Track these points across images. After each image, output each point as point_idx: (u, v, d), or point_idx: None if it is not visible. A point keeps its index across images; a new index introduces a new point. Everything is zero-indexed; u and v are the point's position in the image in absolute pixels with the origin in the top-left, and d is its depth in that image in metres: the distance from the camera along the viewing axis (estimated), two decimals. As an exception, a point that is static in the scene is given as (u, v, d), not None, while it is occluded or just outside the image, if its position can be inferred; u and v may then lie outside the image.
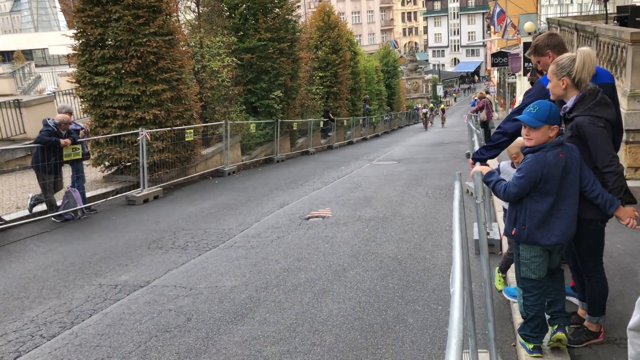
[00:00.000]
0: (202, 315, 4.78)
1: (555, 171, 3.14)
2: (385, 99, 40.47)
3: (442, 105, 51.36)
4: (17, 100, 15.65)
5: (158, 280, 5.81)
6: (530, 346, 3.34)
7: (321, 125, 24.16)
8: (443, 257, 6.08)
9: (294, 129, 20.57)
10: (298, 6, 20.29)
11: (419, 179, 12.06)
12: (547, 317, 3.42)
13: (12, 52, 53.04)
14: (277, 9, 18.72)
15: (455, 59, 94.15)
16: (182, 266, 6.26)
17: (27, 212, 9.04)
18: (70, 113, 9.54)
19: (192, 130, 12.67)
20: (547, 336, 3.40)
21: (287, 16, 19.03)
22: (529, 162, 3.17)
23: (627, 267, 4.91)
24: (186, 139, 12.43)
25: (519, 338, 3.53)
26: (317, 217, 8.52)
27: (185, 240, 7.46)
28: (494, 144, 4.17)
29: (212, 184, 12.95)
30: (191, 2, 16.88)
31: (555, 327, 3.38)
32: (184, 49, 13.71)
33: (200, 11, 16.90)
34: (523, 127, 3.25)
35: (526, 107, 3.30)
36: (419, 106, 51.33)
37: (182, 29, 14.71)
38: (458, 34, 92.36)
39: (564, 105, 3.41)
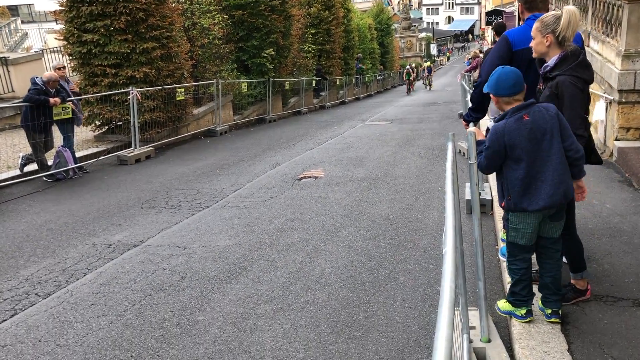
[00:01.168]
0: (196, 274, 4.83)
1: (519, 136, 3.07)
2: (379, 57, 40.03)
3: (428, 63, 42.15)
4: (4, 57, 15.35)
5: (152, 239, 5.84)
6: (523, 311, 3.34)
7: (314, 85, 23.93)
8: (434, 217, 6.14)
9: (286, 88, 20.38)
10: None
11: (411, 139, 12.06)
12: (540, 297, 3.43)
13: (-3, 7, 51.59)
14: (268, -36, 18.25)
15: (449, 17, 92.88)
16: (175, 226, 6.29)
17: (18, 172, 8.99)
18: (63, 68, 9.42)
19: (183, 89, 12.52)
20: (543, 319, 3.38)
21: (278, -29, 18.57)
22: (490, 133, 3.18)
23: (616, 227, 4.98)
24: (177, 98, 12.30)
25: (501, 306, 3.50)
26: (309, 177, 8.54)
27: (178, 200, 7.47)
28: (477, 107, 4.21)
29: (204, 143, 12.89)
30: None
31: (549, 311, 3.35)
32: (173, 5, 13.42)
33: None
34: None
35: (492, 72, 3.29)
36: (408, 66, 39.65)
37: (172, -15, 14.33)
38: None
39: (545, 64, 3.40)
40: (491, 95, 3.26)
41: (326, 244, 5.42)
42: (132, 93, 10.50)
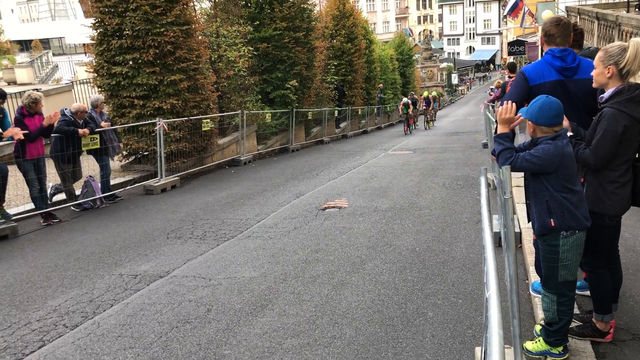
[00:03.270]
0: (222, 306, 4.81)
1: (570, 158, 3.14)
2: (400, 87, 40.20)
3: (426, 93, 31.79)
4: (36, 89, 15.77)
5: (177, 270, 5.85)
6: (560, 348, 3.25)
7: (336, 115, 24.09)
8: (462, 249, 6.05)
9: (309, 118, 20.55)
10: (313, -6, 20.19)
11: (435, 169, 11.99)
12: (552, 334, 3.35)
13: (30, 41, 53.45)
14: (292, -2, 18.64)
15: (470, 47, 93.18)
16: (200, 256, 6.30)
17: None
18: (102, 103, 9.80)
19: (209, 120, 12.70)
20: (578, 353, 3.30)
21: (302, 5, 18.94)
22: (548, 148, 3.10)
23: (651, 262, 4.85)
24: (203, 129, 12.48)
25: (532, 347, 3.41)
26: (333, 207, 8.52)
27: (203, 230, 7.50)
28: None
29: (229, 173, 12.99)
30: (207, -9, 16.85)
31: (561, 348, 3.29)
32: (200, 38, 13.72)
33: (217, 0, 16.86)
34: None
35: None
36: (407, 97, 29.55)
37: (199, 19, 14.70)
38: (474, 21, 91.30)
39: (601, 95, 3.35)
40: (528, 121, 3.21)
41: (352, 277, 5.36)
42: (159, 124, 10.68)
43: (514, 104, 3.30)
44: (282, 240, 6.80)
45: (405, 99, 27.48)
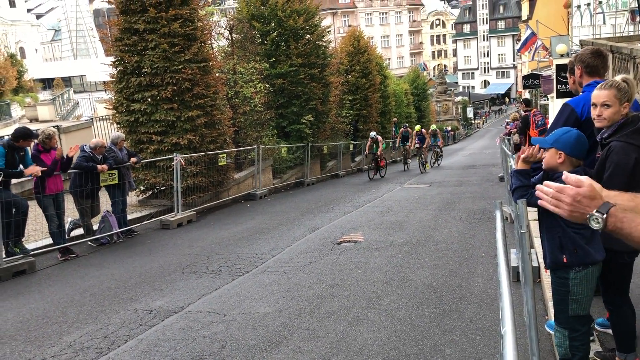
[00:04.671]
0: (236, 342, 4.76)
1: None
2: (415, 121, 40.33)
3: (418, 127, 23.72)
4: (57, 126, 16.11)
5: (192, 305, 5.83)
6: None
7: (351, 149, 24.19)
8: (479, 284, 5.95)
9: (324, 152, 20.65)
10: (329, 32, 20.55)
11: (451, 202, 11.92)
12: None
13: (53, 79, 54.85)
14: (308, 35, 18.99)
15: (485, 81, 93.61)
16: (215, 291, 6.28)
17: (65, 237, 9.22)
18: (123, 140, 10.03)
19: (225, 155, 12.83)
20: None
21: (317, 42, 19.28)
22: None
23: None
24: (219, 164, 12.59)
25: None
26: (348, 241, 8.48)
27: (218, 264, 7.49)
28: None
29: (244, 207, 13.04)
30: (225, 29, 17.25)
31: None
32: (217, 75, 13.97)
33: (234, 38, 17.23)
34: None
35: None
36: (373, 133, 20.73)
37: (216, 56, 15.00)
38: (488, 56, 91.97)
39: (602, 130, 3.31)
40: (559, 152, 3.17)
41: (368, 313, 5.29)
42: (177, 159, 10.80)
43: (541, 150, 3.28)
44: (297, 275, 6.76)
45: (373, 134, 19.75)
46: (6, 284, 7.18)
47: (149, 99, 11.75)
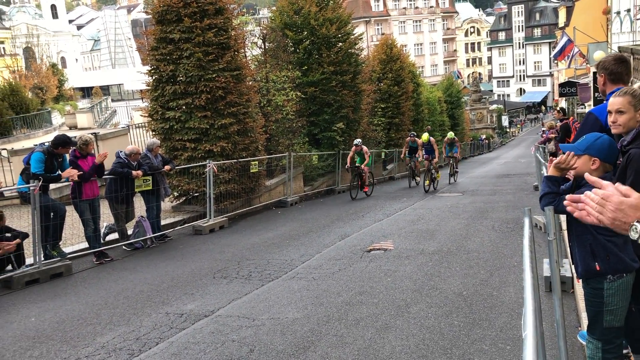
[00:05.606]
0: (265, 347, 4.80)
1: None
2: (449, 129, 39.96)
3: (425, 136, 18.06)
4: (95, 133, 16.56)
5: (222, 310, 5.90)
6: None
7: (383, 157, 24.12)
8: (511, 294, 5.86)
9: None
10: (360, 39, 20.59)
11: (484, 211, 11.76)
12: None
13: (91, 88, 56.39)
14: (340, 43, 19.06)
15: (520, 89, 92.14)
16: (245, 296, 6.34)
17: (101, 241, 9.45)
18: (158, 147, 10.24)
19: (257, 162, 12.96)
20: None
21: (350, 50, 19.32)
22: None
23: None
24: (251, 171, 12.73)
25: None
26: (378, 249, 8.45)
27: (249, 270, 7.57)
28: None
29: (275, 214, 13.13)
30: (258, 38, 17.47)
31: None
32: (250, 83, 14.15)
33: (267, 47, 17.44)
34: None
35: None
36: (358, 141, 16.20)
37: (249, 65, 15.19)
38: (524, 63, 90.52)
39: (622, 138, 3.25)
40: (593, 158, 3.13)
41: (396, 320, 5.27)
42: (209, 166, 10.97)
43: (575, 157, 3.23)
44: (326, 281, 6.77)
45: (357, 140, 16.04)
46: (44, 285, 7.39)
47: (184, 107, 11.97)
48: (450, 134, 21.06)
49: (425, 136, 17.88)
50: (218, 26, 12.26)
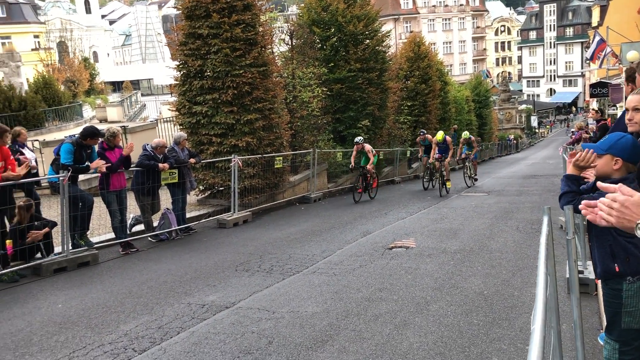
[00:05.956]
0: (283, 339, 4.85)
1: None
2: (476, 129, 39.58)
3: (440, 135, 16.59)
4: (124, 126, 16.87)
5: (243, 302, 5.98)
6: None
7: (408, 155, 24.01)
8: (532, 294, 5.79)
9: (380, 157, 20.57)
10: (388, 36, 20.51)
11: (509, 212, 11.64)
12: None
13: (122, 82, 57.34)
14: (367, 40, 19.03)
15: (551, 89, 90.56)
16: (266, 289, 6.41)
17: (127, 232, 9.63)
18: (184, 140, 10.42)
19: (281, 158, 13.04)
20: None
21: (377, 47, 19.27)
22: None
23: None
24: (275, 166, 12.81)
25: None
26: (400, 247, 8.44)
27: (270, 264, 7.64)
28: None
29: (299, 210, 13.19)
30: (285, 35, 17.55)
31: None
32: (277, 79, 14.23)
33: (294, 43, 17.50)
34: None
35: None
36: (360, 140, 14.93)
37: (276, 61, 15.27)
38: (554, 63, 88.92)
39: None
40: (616, 158, 3.09)
41: (415, 317, 5.27)
42: (234, 161, 11.08)
43: (594, 154, 3.19)
44: (347, 277, 6.80)
45: (358, 138, 14.77)
46: (71, 274, 7.58)
47: (210, 102, 12.11)
48: (466, 134, 18.83)
49: (440, 134, 16.55)
50: (246, 22, 12.36)
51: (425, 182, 17.29)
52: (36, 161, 9.18)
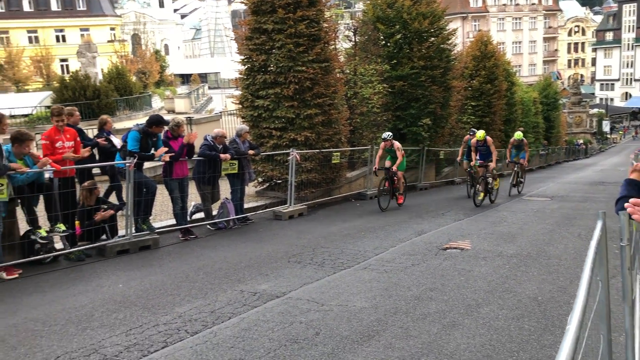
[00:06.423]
0: (330, 331, 4.92)
1: None
2: (543, 132, 38.28)
3: (481, 133, 14.02)
4: (190, 117, 17.42)
5: (293, 292, 6.09)
6: None
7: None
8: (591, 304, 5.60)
9: (441, 157, 20.28)
10: (453, 34, 20.14)
11: (572, 218, 11.23)
12: None
13: (190, 75, 59.07)
14: (432, 38, 18.75)
15: (626, 93, 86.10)
16: (316, 282, 6.50)
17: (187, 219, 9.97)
18: (246, 132, 10.75)
19: (339, 153, 13.11)
20: None
21: (442, 45, 18.97)
22: None
23: None
24: (333, 161, 12.90)
25: None
26: (455, 248, 8.33)
27: (322, 257, 7.73)
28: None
29: (354, 206, 13.23)
30: (350, 31, 17.57)
31: None
32: (338, 75, 14.28)
33: (357, 40, 17.49)
34: None
35: None
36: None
37: (338, 57, 15.32)
38: (631, 66, 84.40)
39: None
40: None
41: (464, 319, 5.21)
42: (292, 154, 11.24)
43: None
44: (398, 275, 6.79)
45: (387, 134, 12.94)
46: (133, 256, 7.95)
47: (272, 96, 12.32)
48: (518, 134, 16.61)
49: (480, 133, 13.95)
50: (310, 18, 12.48)
51: (469, 191, 14.98)
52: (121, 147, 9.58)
